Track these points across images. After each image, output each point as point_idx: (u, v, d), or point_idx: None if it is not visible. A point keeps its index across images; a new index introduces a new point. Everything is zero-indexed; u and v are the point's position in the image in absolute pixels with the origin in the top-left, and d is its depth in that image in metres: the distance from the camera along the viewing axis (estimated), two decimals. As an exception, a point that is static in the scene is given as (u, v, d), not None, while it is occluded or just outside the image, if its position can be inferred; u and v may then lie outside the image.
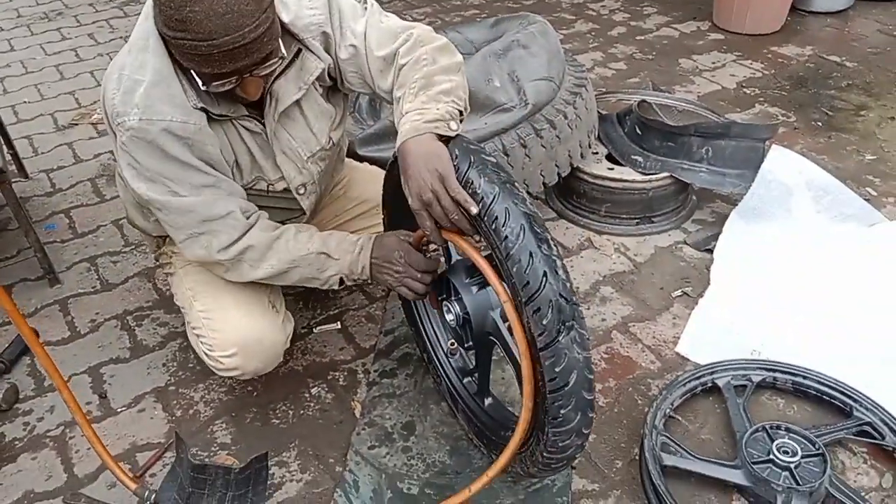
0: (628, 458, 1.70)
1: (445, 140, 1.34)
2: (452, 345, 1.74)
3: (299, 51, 1.48)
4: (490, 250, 1.29)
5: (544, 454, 1.35)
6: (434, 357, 1.83)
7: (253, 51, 1.27)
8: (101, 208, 2.74)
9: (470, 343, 1.60)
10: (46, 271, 2.33)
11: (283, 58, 1.37)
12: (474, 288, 1.53)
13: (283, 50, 1.37)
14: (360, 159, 2.10)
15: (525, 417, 1.32)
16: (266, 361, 1.72)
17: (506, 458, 1.38)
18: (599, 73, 3.57)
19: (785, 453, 1.58)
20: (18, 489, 1.69)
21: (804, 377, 1.81)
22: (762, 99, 3.29)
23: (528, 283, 1.19)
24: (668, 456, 1.63)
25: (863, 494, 1.56)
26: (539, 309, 1.19)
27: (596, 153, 2.52)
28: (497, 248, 1.24)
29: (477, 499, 1.59)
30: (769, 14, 3.89)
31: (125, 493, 1.65)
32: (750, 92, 3.35)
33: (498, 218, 1.23)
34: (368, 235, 1.60)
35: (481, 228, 1.28)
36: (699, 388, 1.82)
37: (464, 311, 1.54)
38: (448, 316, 1.60)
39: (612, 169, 2.45)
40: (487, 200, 1.25)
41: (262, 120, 1.52)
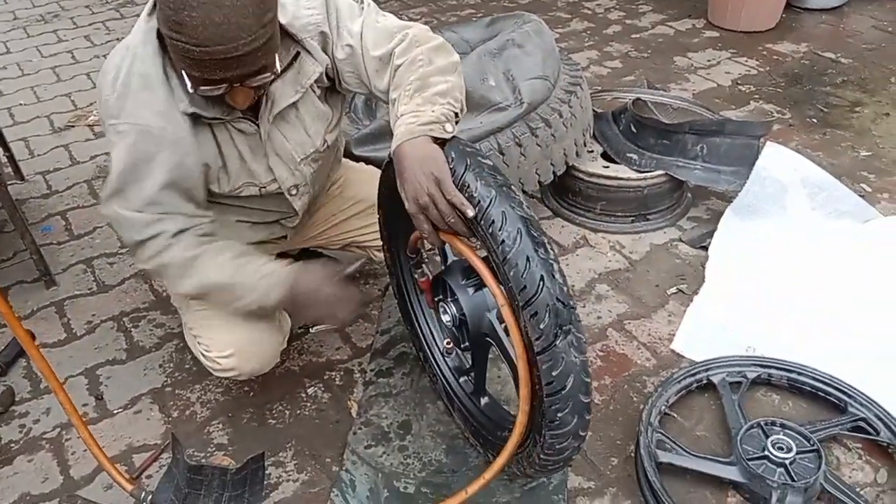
0: (624, 456, 1.70)
1: (441, 142, 1.34)
2: (448, 344, 1.74)
3: (297, 54, 1.48)
4: (487, 253, 1.29)
5: (541, 456, 1.35)
6: (430, 356, 1.83)
7: (245, 63, 1.27)
8: (98, 210, 2.74)
9: (466, 343, 1.61)
10: (42, 273, 2.33)
11: (277, 73, 1.37)
12: (471, 289, 1.53)
13: (279, 66, 1.36)
14: (356, 159, 2.10)
15: (522, 420, 1.33)
16: (263, 362, 1.72)
17: (503, 461, 1.38)
18: (595, 72, 3.58)
19: (780, 449, 1.58)
20: (15, 491, 1.69)
21: (799, 373, 1.81)
22: (757, 96, 3.29)
23: (525, 288, 1.19)
24: (664, 453, 1.63)
25: (858, 490, 1.56)
26: (536, 313, 1.19)
27: (591, 151, 2.53)
28: (494, 252, 1.23)
29: (474, 497, 1.60)
30: (764, 11, 3.90)
31: (122, 495, 1.65)
32: (745, 89, 3.36)
33: (494, 222, 1.22)
34: (291, 265, 1.58)
35: (478, 232, 1.28)
36: (694, 385, 1.83)
37: (460, 312, 1.54)
38: (444, 317, 1.60)
39: (608, 167, 2.45)
40: (484, 204, 1.24)
41: (257, 121, 1.51)
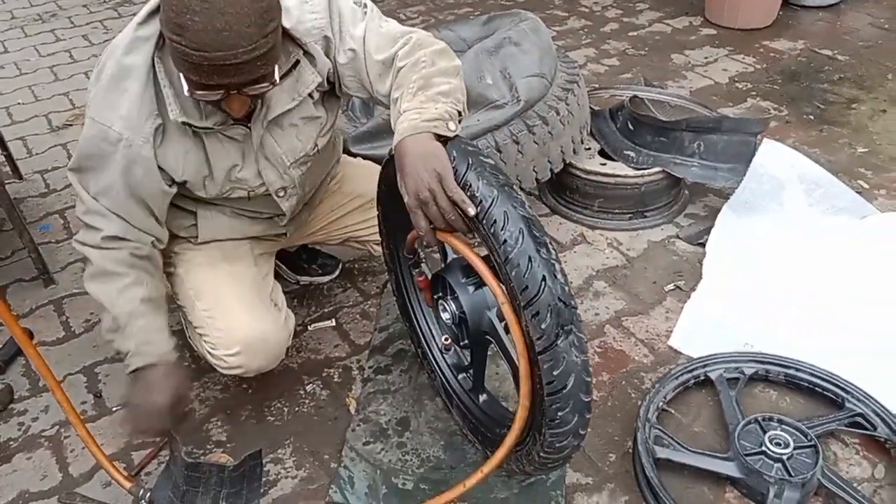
0: (622, 452, 1.71)
1: (443, 141, 1.33)
2: (447, 340, 1.75)
3: (297, 62, 1.48)
4: (487, 253, 1.29)
5: (541, 454, 1.35)
6: (429, 353, 1.83)
7: (244, 71, 1.27)
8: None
9: (465, 341, 1.61)
10: (41, 272, 2.33)
11: (276, 83, 1.37)
12: (471, 287, 1.52)
13: (278, 76, 1.36)
14: (354, 157, 2.11)
15: (521, 416, 1.33)
16: (269, 359, 1.72)
17: (502, 455, 1.38)
18: (592, 70, 3.58)
19: (777, 445, 1.59)
20: (13, 489, 1.70)
21: (796, 369, 1.82)
22: (754, 93, 3.29)
23: (527, 288, 1.19)
24: (662, 449, 1.64)
25: (855, 485, 1.57)
26: (538, 313, 1.19)
27: (588, 149, 2.53)
28: (496, 252, 1.23)
29: (472, 492, 1.60)
30: (761, 9, 3.90)
31: (120, 492, 1.65)
32: (742, 86, 3.36)
33: (497, 221, 1.22)
34: (172, 353, 1.58)
35: (479, 231, 1.27)
36: (692, 382, 1.83)
37: (460, 310, 1.54)
38: (444, 314, 1.60)
39: (605, 164, 2.46)
40: (486, 203, 1.24)
41: (249, 125, 1.51)
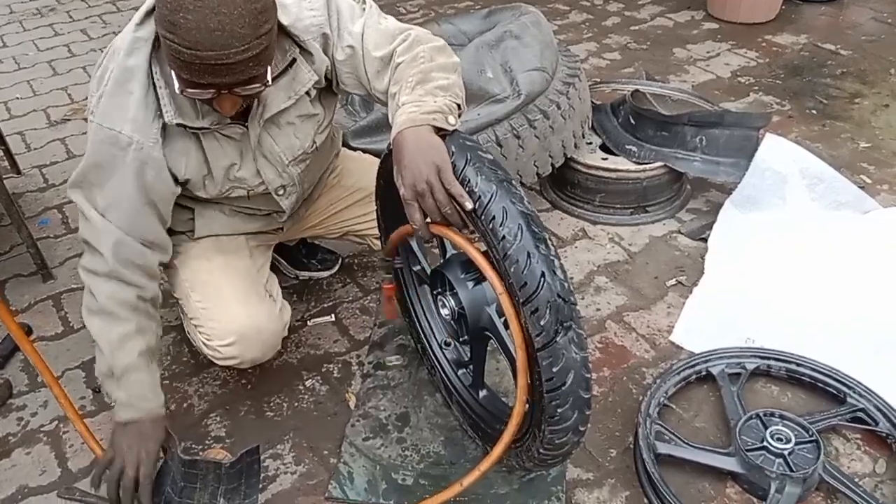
0: (623, 447, 1.70)
1: (441, 135, 1.32)
2: (447, 342, 1.74)
3: (293, 60, 1.47)
4: (486, 248, 1.27)
5: (541, 451, 1.35)
6: (428, 348, 1.82)
7: (236, 71, 1.26)
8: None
9: (465, 337, 1.60)
10: (39, 267, 2.32)
11: (268, 84, 1.36)
12: (470, 283, 1.51)
13: (270, 77, 1.35)
14: (353, 151, 2.10)
15: (518, 411, 1.32)
16: (264, 350, 1.72)
17: (499, 452, 1.37)
18: (594, 64, 3.56)
19: (779, 440, 1.58)
20: (13, 484, 1.69)
21: (798, 364, 1.81)
22: (756, 88, 3.28)
23: (526, 284, 1.18)
24: (663, 444, 1.63)
25: (856, 480, 1.56)
26: (537, 309, 1.18)
27: (590, 143, 2.52)
28: (494, 248, 1.22)
29: (472, 488, 1.59)
30: (763, 3, 3.88)
31: (120, 487, 1.65)
32: (744, 81, 3.34)
33: (495, 217, 1.21)
34: (160, 409, 1.55)
35: (478, 227, 1.26)
36: (693, 377, 1.82)
37: (459, 306, 1.53)
38: (443, 310, 1.60)
39: (606, 159, 2.45)
40: (485, 199, 1.23)
41: (246, 123, 1.51)
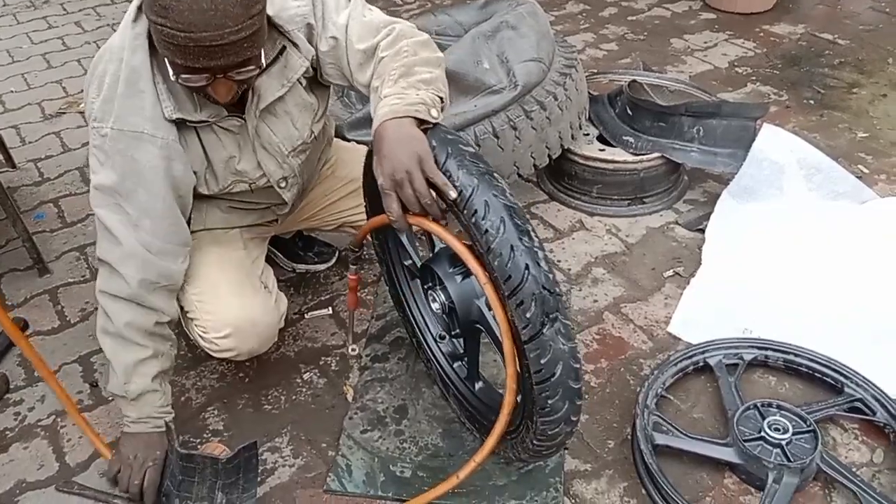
0: (620, 438, 1.70)
1: (423, 129, 1.31)
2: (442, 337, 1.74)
3: (283, 48, 1.47)
4: (471, 243, 1.27)
5: (534, 442, 1.35)
6: (423, 342, 1.82)
7: (230, 53, 1.25)
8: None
9: (457, 331, 1.59)
10: (35, 261, 2.31)
11: (261, 67, 1.35)
12: (458, 277, 1.51)
13: (267, 58, 1.34)
14: (348, 142, 2.09)
15: (509, 400, 1.31)
16: (261, 341, 1.72)
17: (492, 443, 1.36)
18: (591, 55, 3.55)
19: (776, 430, 1.58)
20: (10, 479, 1.69)
21: (795, 355, 1.81)
22: (754, 78, 3.27)
23: (511, 277, 1.18)
24: (660, 435, 1.63)
25: (854, 470, 1.56)
26: (522, 302, 1.18)
27: (587, 134, 2.51)
28: (478, 242, 1.22)
29: (470, 479, 1.59)
30: (761, -8, 3.87)
31: (117, 481, 1.65)
32: (742, 71, 3.34)
33: (477, 211, 1.20)
34: (164, 422, 1.59)
35: (460, 221, 1.25)
36: (691, 368, 1.82)
37: (449, 300, 1.53)
38: (434, 305, 1.59)
39: (603, 150, 2.44)
40: (466, 193, 1.22)
41: (243, 116, 1.50)
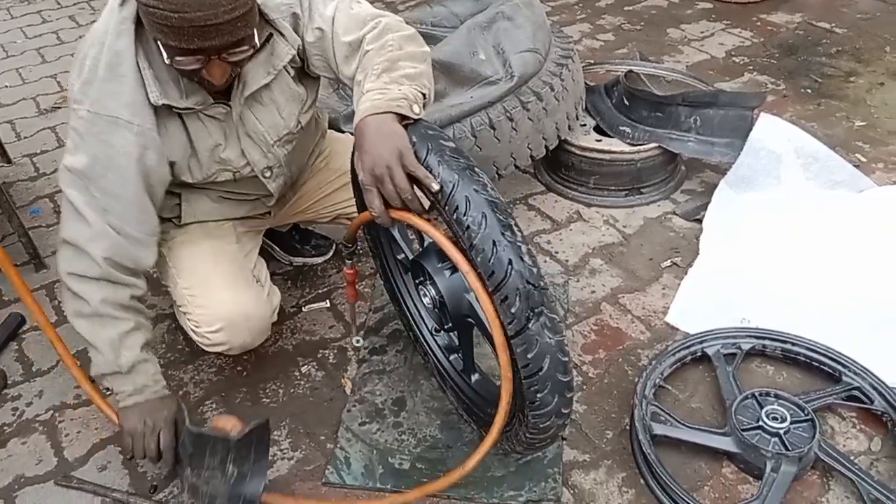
0: (619, 429, 1.70)
1: (404, 124, 1.30)
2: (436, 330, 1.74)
3: (270, 35, 1.47)
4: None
5: (527, 435, 1.35)
6: (420, 335, 1.82)
7: (225, 32, 1.25)
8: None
9: (449, 324, 1.59)
10: (32, 256, 2.31)
11: (256, 47, 1.34)
12: (447, 272, 1.50)
13: (258, 40, 1.34)
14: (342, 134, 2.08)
15: (507, 388, 1.30)
16: (253, 335, 1.71)
17: (495, 435, 1.36)
18: (587, 45, 3.54)
19: (774, 419, 1.58)
20: (9, 474, 1.69)
21: (793, 344, 1.81)
22: (751, 67, 3.26)
23: (494, 273, 1.17)
24: (659, 425, 1.63)
25: (852, 458, 1.56)
26: (507, 297, 1.17)
27: (584, 125, 2.50)
28: (460, 239, 1.21)
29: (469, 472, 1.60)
30: (758, -19, 3.85)
31: (117, 475, 1.66)
32: (739, 60, 3.33)
33: (459, 207, 1.19)
34: (164, 390, 1.58)
35: (442, 217, 1.25)
36: (689, 358, 1.82)
37: (439, 295, 1.52)
38: (425, 300, 1.59)
39: (600, 140, 2.43)
40: (447, 189, 1.21)
41: (229, 103, 1.50)
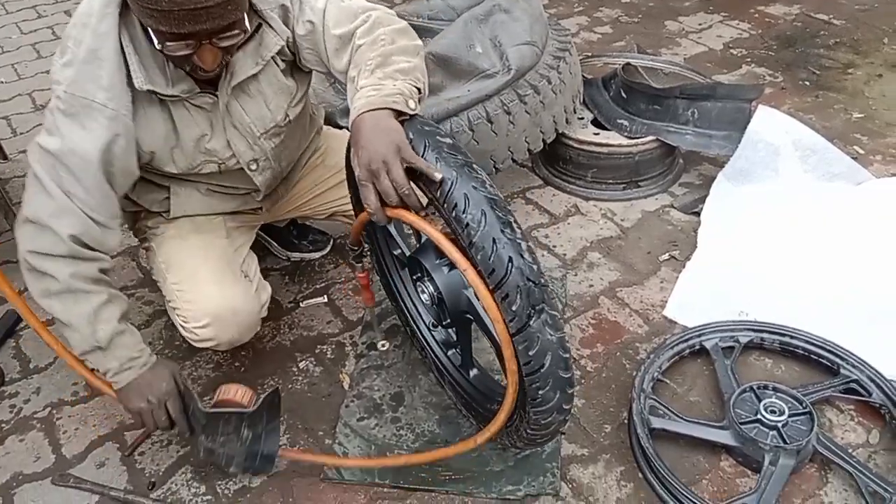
0: (617, 423, 1.70)
1: (400, 120, 1.29)
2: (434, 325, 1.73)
3: (259, 26, 1.46)
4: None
5: (528, 431, 1.35)
6: (417, 330, 1.81)
7: (215, 16, 1.24)
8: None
9: (447, 321, 1.58)
10: (28, 253, 2.30)
11: (247, 31, 1.34)
12: (445, 268, 1.49)
13: (248, 24, 1.33)
14: (340, 129, 2.07)
15: (513, 380, 1.30)
16: (241, 330, 1.70)
17: (503, 418, 1.35)
18: (585, 38, 3.53)
19: (772, 413, 1.58)
20: (7, 471, 1.68)
21: (791, 337, 1.81)
22: (749, 59, 3.25)
23: (494, 271, 1.16)
24: (657, 419, 1.63)
25: (850, 451, 1.56)
26: (507, 295, 1.16)
27: (581, 118, 2.50)
28: (460, 236, 1.20)
29: (467, 466, 1.60)
30: (756, -27, 3.84)
31: (115, 472, 1.65)
32: (737, 53, 3.32)
33: (458, 205, 1.18)
34: (151, 358, 1.54)
35: (441, 214, 1.24)
36: (687, 351, 1.82)
37: (437, 291, 1.52)
38: (423, 296, 1.58)
39: (598, 134, 2.43)
40: (446, 186, 1.20)
41: (216, 93, 1.49)
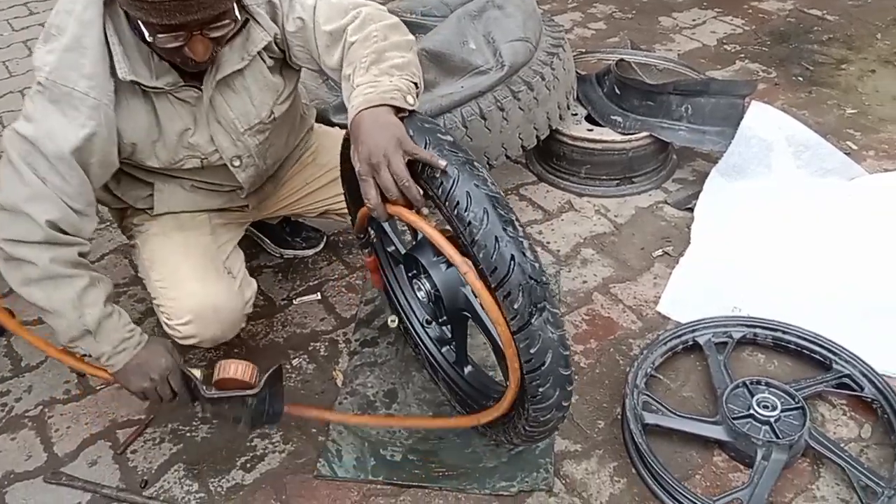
0: (610, 419, 1.70)
1: (399, 117, 1.28)
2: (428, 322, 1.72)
3: (246, 21, 1.46)
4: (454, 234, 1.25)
5: (526, 428, 1.35)
6: (411, 327, 1.81)
7: (206, 6, 1.23)
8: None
9: (444, 318, 1.58)
10: (20, 251, 2.29)
11: (237, 21, 1.33)
12: (443, 266, 1.49)
13: (238, 14, 1.32)
14: (333, 127, 2.07)
15: (514, 378, 1.29)
16: (224, 328, 1.69)
17: (507, 402, 1.35)
18: (578, 34, 3.52)
19: (765, 408, 1.59)
20: (-2, 470, 1.68)
21: (784, 332, 1.81)
22: (743, 55, 3.25)
23: (497, 269, 1.16)
24: (650, 414, 1.63)
25: (842, 445, 1.57)
26: (509, 293, 1.16)
27: (575, 115, 2.50)
28: (461, 235, 1.20)
29: (460, 462, 1.60)
30: (749, -31, 3.84)
31: (107, 471, 1.65)
32: (730, 48, 3.32)
33: (459, 203, 1.18)
34: (142, 336, 1.52)
35: (442, 213, 1.23)
36: (680, 347, 1.82)
37: (434, 289, 1.51)
38: (419, 293, 1.58)
39: (592, 130, 2.42)
40: (447, 184, 1.19)
41: (201, 87, 1.48)
